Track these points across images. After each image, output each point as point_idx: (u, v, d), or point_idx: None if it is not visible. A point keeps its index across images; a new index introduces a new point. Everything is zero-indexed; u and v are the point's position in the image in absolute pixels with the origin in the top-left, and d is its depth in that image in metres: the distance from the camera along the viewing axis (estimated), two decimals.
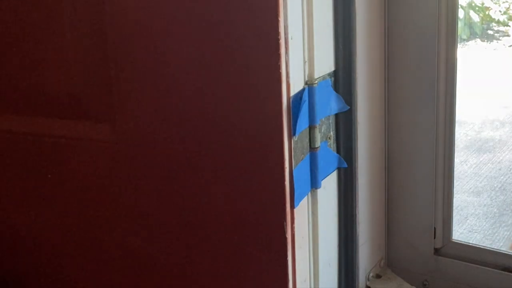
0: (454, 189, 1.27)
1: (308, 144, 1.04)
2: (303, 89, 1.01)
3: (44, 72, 1.17)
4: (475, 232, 2.88)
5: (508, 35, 5.44)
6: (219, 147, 1.04)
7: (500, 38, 5.44)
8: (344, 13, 1.07)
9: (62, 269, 1.29)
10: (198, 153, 1.06)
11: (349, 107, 1.10)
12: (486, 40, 5.41)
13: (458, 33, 1.20)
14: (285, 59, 0.95)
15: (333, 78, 1.09)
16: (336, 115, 1.11)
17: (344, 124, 1.11)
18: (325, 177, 1.09)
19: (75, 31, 1.13)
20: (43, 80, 1.18)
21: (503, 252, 1.24)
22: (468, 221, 2.97)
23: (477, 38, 5.37)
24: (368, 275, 1.27)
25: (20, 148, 1.24)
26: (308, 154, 1.04)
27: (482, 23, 5.39)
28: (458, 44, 1.19)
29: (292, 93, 0.98)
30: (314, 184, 1.06)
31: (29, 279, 1.33)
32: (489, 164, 3.51)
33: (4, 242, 1.33)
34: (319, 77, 1.04)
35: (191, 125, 1.05)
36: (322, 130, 1.07)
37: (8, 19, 1.18)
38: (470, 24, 5.29)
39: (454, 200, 1.28)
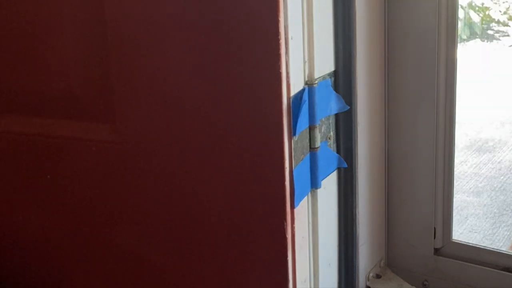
0: (454, 189, 1.27)
1: (308, 144, 1.04)
2: (303, 89, 1.01)
3: (44, 72, 1.17)
4: (475, 232, 2.87)
5: (508, 35, 5.44)
6: (219, 147, 1.04)
7: (500, 38, 5.43)
8: (344, 13, 1.07)
9: (62, 270, 1.29)
10: (198, 153, 1.06)
11: (349, 107, 1.10)
12: (486, 40, 5.41)
13: (458, 33, 1.20)
14: (285, 59, 0.95)
15: (333, 78, 1.09)
16: (336, 115, 1.11)
17: (344, 124, 1.11)
18: (325, 177, 1.09)
19: (75, 31, 1.13)
20: (43, 80, 1.18)
21: (503, 252, 1.24)
22: (468, 221, 2.96)
23: (477, 38, 5.37)
24: (368, 275, 1.27)
25: (20, 148, 1.24)
26: (308, 154, 1.04)
27: (482, 23, 5.39)
28: (458, 44, 1.19)
29: (292, 93, 0.98)
30: (314, 184, 1.06)
31: (28, 279, 1.33)
32: (489, 164, 3.51)
33: (3, 242, 1.33)
34: (319, 77, 1.04)
35: (191, 125, 1.05)
36: (322, 130, 1.07)
37: (8, 19, 1.18)
38: (470, 24, 5.29)
39: (454, 200, 1.28)
